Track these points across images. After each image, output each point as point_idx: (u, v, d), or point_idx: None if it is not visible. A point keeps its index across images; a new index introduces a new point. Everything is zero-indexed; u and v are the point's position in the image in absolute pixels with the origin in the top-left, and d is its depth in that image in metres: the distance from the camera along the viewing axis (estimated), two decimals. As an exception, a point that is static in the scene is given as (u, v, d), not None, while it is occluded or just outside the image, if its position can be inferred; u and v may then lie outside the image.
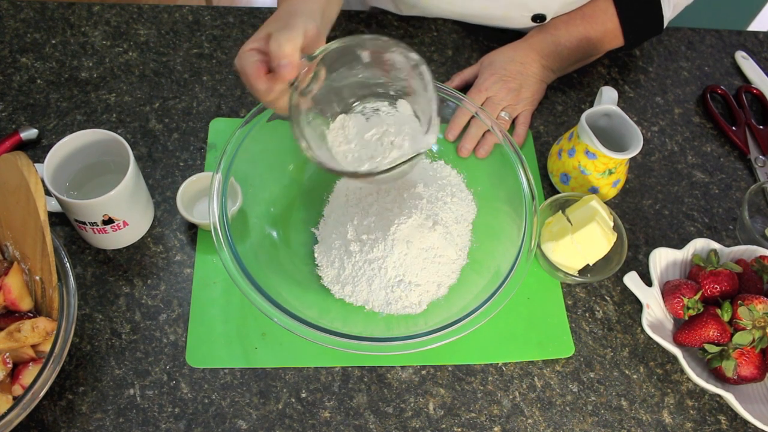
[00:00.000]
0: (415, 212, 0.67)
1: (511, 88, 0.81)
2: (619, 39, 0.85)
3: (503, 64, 0.82)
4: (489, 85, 0.81)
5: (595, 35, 0.84)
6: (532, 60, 0.83)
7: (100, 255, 0.70)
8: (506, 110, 0.81)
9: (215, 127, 0.80)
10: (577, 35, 0.84)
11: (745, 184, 0.85)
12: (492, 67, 0.83)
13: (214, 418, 0.63)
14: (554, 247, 0.70)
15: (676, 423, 0.68)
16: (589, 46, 0.85)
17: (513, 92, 0.81)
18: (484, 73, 0.83)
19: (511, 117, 0.81)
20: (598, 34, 0.84)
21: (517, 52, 0.84)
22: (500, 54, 0.84)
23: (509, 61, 0.83)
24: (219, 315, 0.68)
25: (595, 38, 0.84)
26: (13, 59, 0.82)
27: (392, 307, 0.66)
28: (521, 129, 0.82)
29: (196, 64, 0.85)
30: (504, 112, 0.81)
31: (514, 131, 0.82)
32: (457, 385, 0.67)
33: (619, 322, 0.73)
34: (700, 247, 0.74)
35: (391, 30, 0.91)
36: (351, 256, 0.67)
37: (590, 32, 0.84)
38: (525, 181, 0.68)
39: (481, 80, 0.82)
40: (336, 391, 0.66)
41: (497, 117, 0.80)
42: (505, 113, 0.81)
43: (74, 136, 0.66)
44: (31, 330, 0.57)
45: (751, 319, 0.65)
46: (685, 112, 0.91)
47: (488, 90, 0.81)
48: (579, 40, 0.84)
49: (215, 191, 0.62)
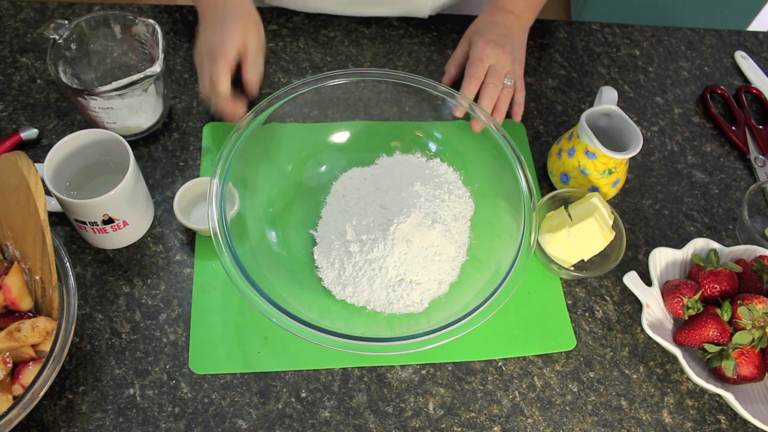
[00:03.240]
0: (414, 211, 0.67)
1: (507, 51, 0.79)
2: None
3: (491, 29, 0.81)
4: (488, 52, 0.78)
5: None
6: (511, 21, 0.82)
7: (100, 255, 0.70)
8: (508, 76, 0.79)
9: (209, 131, 0.80)
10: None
11: (745, 184, 0.85)
12: (483, 34, 0.80)
13: (214, 417, 0.63)
14: (550, 239, 0.71)
15: (675, 423, 0.68)
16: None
17: (509, 55, 0.79)
18: (478, 42, 0.80)
19: (513, 83, 0.79)
20: None
21: (496, 16, 0.82)
22: (482, 22, 0.83)
23: (495, 26, 0.81)
24: (220, 320, 0.68)
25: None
26: (13, 59, 0.82)
27: (394, 307, 0.67)
28: (520, 97, 0.80)
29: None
30: (507, 78, 0.79)
31: (514, 100, 0.80)
32: (456, 384, 0.67)
33: (619, 321, 0.73)
34: (699, 246, 0.74)
35: (391, 31, 0.91)
36: (351, 256, 0.67)
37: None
38: (522, 177, 0.68)
39: (478, 49, 0.79)
40: (336, 390, 0.66)
41: (503, 86, 0.78)
42: (508, 80, 0.79)
43: (74, 136, 0.66)
44: (31, 330, 0.57)
45: (751, 318, 0.65)
46: (685, 112, 0.91)
47: (489, 57, 0.78)
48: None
49: (214, 196, 0.62)
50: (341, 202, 0.73)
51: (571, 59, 0.92)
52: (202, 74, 0.73)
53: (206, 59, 0.72)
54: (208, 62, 0.72)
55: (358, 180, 0.74)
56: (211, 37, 0.73)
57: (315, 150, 0.76)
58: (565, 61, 0.91)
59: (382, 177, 0.74)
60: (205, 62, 0.72)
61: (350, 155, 0.76)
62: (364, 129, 0.77)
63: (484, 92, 0.77)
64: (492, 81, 0.77)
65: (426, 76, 0.85)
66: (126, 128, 0.74)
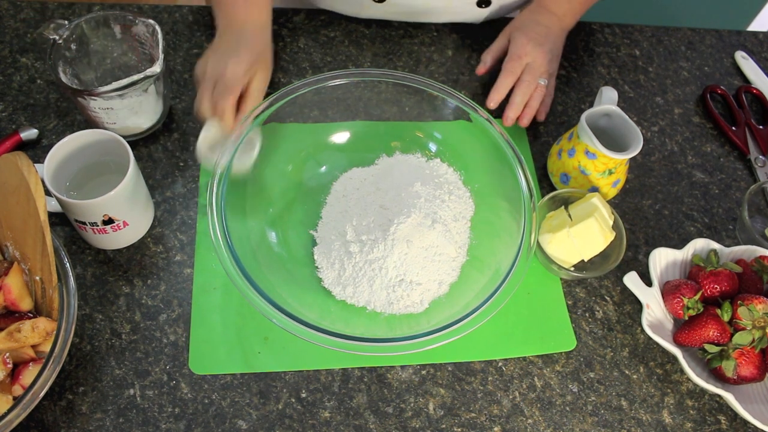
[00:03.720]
0: (414, 211, 0.67)
1: (546, 51, 0.80)
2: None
3: (533, 27, 0.82)
4: (529, 50, 0.80)
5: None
6: (553, 23, 0.83)
7: (100, 255, 0.70)
8: (543, 76, 0.80)
9: None
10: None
11: (745, 184, 0.85)
12: (525, 31, 0.81)
13: (214, 418, 0.63)
14: (550, 239, 0.71)
15: (676, 423, 0.68)
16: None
17: (547, 55, 0.81)
18: (518, 38, 0.81)
19: (546, 83, 0.81)
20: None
21: (539, 15, 0.83)
22: (526, 19, 0.83)
23: (537, 25, 0.82)
24: (220, 320, 0.68)
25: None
26: (13, 59, 0.82)
27: (394, 307, 0.67)
28: (548, 99, 0.83)
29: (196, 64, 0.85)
30: (542, 78, 0.80)
31: (543, 102, 0.82)
32: (457, 385, 0.67)
33: (619, 322, 0.73)
34: (700, 247, 0.74)
35: (391, 30, 0.91)
36: (351, 257, 0.67)
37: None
38: (522, 177, 0.68)
39: (518, 46, 0.80)
40: (336, 391, 0.66)
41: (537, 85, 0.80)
42: (542, 80, 0.80)
43: (74, 136, 0.66)
44: (31, 330, 0.57)
45: (751, 319, 0.65)
46: (685, 112, 0.91)
47: (528, 55, 0.80)
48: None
49: (213, 200, 0.62)
50: (341, 203, 0.73)
51: (571, 59, 0.92)
52: (203, 94, 0.71)
53: (210, 81, 0.71)
54: (210, 85, 0.71)
55: (358, 180, 0.74)
56: (222, 59, 0.72)
57: (315, 150, 0.76)
58: (565, 61, 0.91)
59: (382, 177, 0.74)
60: (207, 83, 0.72)
61: (350, 155, 0.76)
62: (364, 129, 0.77)
63: (518, 88, 0.79)
64: (527, 78, 0.79)
65: (426, 76, 0.85)
66: (126, 128, 0.74)
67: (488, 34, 0.92)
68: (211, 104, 0.70)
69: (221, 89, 0.70)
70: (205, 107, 0.71)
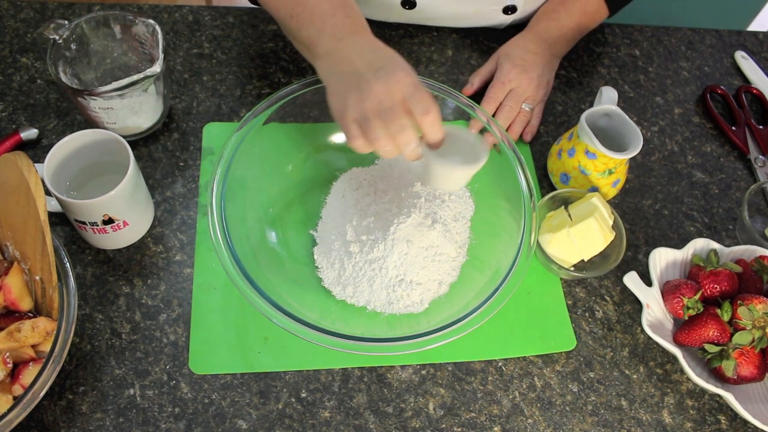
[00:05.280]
0: (414, 211, 0.67)
1: (532, 78, 0.81)
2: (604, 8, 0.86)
3: (521, 54, 0.83)
4: (512, 76, 0.81)
5: (591, 8, 0.85)
6: (543, 49, 0.84)
7: (100, 255, 0.70)
8: (527, 101, 0.81)
9: (209, 131, 0.80)
10: (577, 13, 0.85)
11: (745, 184, 0.85)
12: (511, 58, 0.82)
13: (214, 418, 0.63)
14: (550, 238, 0.71)
15: (676, 423, 0.68)
16: (588, 20, 0.86)
17: (534, 82, 0.81)
18: (504, 65, 0.82)
19: (532, 109, 0.82)
20: (593, 6, 0.85)
21: (529, 42, 0.84)
22: (515, 46, 0.84)
23: (525, 52, 0.83)
24: (220, 320, 0.68)
25: (591, 11, 0.85)
26: (13, 59, 0.82)
27: (394, 307, 0.67)
28: (536, 121, 0.83)
29: (196, 64, 0.85)
30: (526, 104, 0.81)
31: (529, 123, 0.83)
32: (457, 384, 0.67)
33: (619, 322, 0.73)
34: (700, 247, 0.74)
35: (391, 31, 0.91)
36: (351, 257, 0.67)
37: (586, 6, 0.85)
38: (523, 178, 0.68)
39: (503, 72, 0.82)
40: (336, 391, 0.66)
41: (519, 110, 0.81)
42: (526, 105, 0.81)
43: (74, 136, 0.66)
44: (31, 330, 0.57)
45: (751, 319, 0.65)
46: (685, 112, 0.91)
47: (511, 82, 0.81)
48: (579, 17, 0.85)
49: (213, 200, 0.62)
50: (341, 203, 0.73)
51: (571, 59, 0.92)
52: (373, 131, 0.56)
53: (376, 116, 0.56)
54: (377, 117, 0.56)
55: (358, 180, 0.74)
56: (374, 81, 0.56)
57: (315, 150, 0.76)
58: (565, 61, 0.91)
59: (382, 177, 0.74)
60: (375, 120, 0.56)
61: (350, 155, 0.76)
62: (365, 129, 0.77)
63: (500, 113, 0.80)
64: (509, 104, 0.80)
65: (426, 76, 0.85)
66: (126, 128, 0.74)
67: (488, 35, 0.92)
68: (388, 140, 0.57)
69: (421, 109, 0.56)
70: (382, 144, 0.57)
